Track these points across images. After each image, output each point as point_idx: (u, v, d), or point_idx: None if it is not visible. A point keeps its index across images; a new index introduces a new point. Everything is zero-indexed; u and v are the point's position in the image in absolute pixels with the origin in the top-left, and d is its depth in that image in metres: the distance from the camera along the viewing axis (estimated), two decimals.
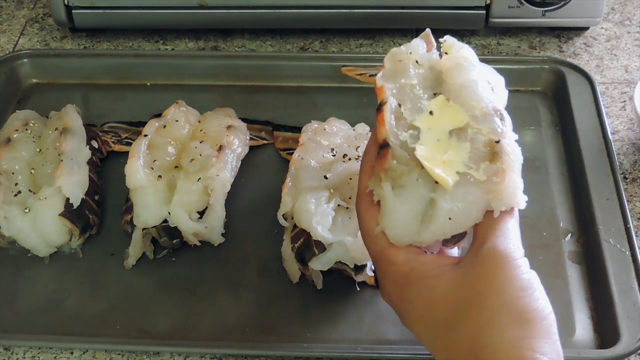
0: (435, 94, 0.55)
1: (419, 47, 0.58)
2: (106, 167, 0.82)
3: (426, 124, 0.52)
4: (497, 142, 0.51)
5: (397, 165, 0.51)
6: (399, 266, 0.51)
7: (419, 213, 0.51)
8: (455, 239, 0.53)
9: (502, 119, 0.53)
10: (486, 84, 0.55)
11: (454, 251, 0.57)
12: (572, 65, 0.88)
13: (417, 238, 0.51)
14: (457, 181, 0.50)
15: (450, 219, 0.50)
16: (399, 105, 0.54)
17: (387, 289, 0.53)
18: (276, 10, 0.94)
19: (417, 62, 0.57)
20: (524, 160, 0.53)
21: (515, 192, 0.50)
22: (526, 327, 0.46)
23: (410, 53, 0.57)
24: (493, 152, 0.51)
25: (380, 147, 0.52)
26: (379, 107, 0.54)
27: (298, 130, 0.81)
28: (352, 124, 0.80)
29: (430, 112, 0.53)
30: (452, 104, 0.53)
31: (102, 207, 0.77)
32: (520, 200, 0.50)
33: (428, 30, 0.60)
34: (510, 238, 0.49)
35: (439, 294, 0.49)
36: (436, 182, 0.50)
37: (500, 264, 0.48)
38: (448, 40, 0.58)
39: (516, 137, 0.53)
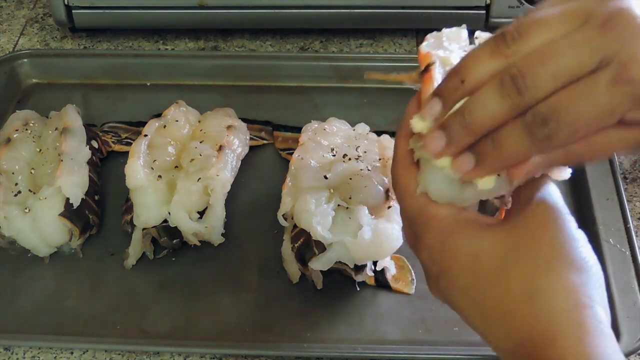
0: None
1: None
2: (106, 167, 0.82)
3: None
4: None
5: None
6: (442, 219, 0.50)
7: None
8: (492, 209, 0.52)
9: None
10: None
11: None
12: None
13: (459, 195, 0.50)
14: None
15: (498, 175, 0.49)
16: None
17: (429, 242, 0.50)
18: (276, 10, 0.94)
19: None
20: None
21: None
22: (581, 274, 0.45)
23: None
24: None
25: None
26: (426, 68, 0.53)
27: (298, 130, 0.81)
28: (352, 124, 0.80)
29: None
30: None
31: (102, 207, 0.77)
32: (565, 170, 0.50)
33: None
34: (557, 196, 0.49)
35: (488, 242, 0.48)
36: None
37: (551, 215, 0.47)
38: (481, 36, 0.59)
39: None
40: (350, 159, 0.72)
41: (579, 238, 0.47)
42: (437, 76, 0.52)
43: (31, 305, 0.70)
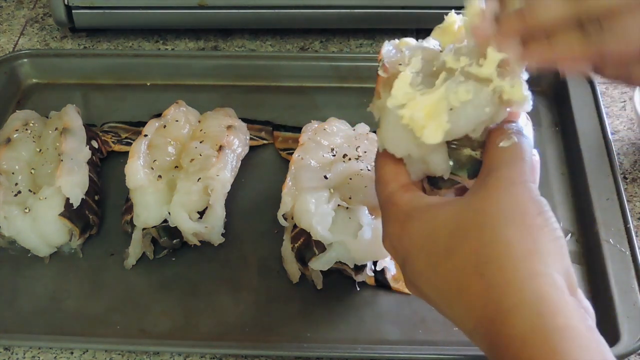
0: None
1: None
2: (106, 167, 0.82)
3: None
4: None
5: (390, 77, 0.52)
6: (401, 206, 0.49)
7: None
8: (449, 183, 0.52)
9: None
10: None
11: None
12: None
13: (416, 141, 0.50)
14: (458, 74, 0.49)
15: (451, 109, 0.48)
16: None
17: (389, 231, 0.50)
18: (276, 10, 0.94)
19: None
20: None
21: (522, 84, 0.49)
22: (537, 242, 0.42)
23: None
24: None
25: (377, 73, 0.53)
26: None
27: (298, 130, 0.81)
28: (352, 124, 0.80)
29: None
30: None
31: (102, 207, 0.77)
32: (527, 95, 0.50)
33: None
34: (521, 166, 0.46)
35: (440, 220, 0.46)
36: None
37: (503, 184, 0.45)
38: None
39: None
40: (350, 159, 0.72)
41: (540, 202, 0.45)
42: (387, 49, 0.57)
43: (31, 305, 0.70)
